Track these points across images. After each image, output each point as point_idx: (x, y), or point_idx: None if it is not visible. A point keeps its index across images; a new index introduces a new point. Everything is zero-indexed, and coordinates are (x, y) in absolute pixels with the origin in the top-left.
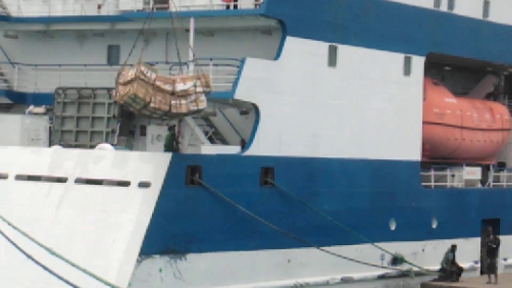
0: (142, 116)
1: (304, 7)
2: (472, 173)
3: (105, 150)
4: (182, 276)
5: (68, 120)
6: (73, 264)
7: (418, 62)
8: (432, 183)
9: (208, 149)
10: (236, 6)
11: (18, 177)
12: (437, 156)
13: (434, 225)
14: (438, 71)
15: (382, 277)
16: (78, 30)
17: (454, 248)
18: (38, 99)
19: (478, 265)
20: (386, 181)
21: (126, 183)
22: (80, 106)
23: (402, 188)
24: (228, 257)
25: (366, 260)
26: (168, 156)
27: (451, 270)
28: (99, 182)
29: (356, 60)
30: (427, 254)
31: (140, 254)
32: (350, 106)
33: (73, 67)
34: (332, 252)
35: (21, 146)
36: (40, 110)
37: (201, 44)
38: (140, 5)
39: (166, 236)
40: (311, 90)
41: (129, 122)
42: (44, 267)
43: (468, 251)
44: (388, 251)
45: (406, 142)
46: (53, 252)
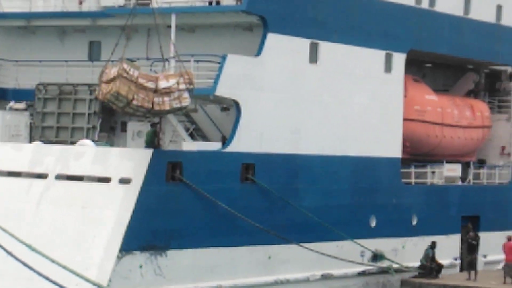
0: (125, 114)
1: (285, 3)
2: (453, 170)
3: (86, 146)
4: (162, 272)
5: (49, 116)
6: (53, 261)
7: (399, 59)
8: (413, 180)
9: (189, 145)
10: (218, 2)
11: None
12: (417, 153)
13: (414, 222)
14: (419, 68)
15: (362, 273)
16: (59, 26)
17: (434, 245)
18: (18, 95)
19: (458, 261)
20: (367, 177)
21: (106, 180)
22: (61, 102)
23: (382, 184)
24: (208, 253)
25: (346, 256)
26: (149, 152)
27: (431, 267)
28: (79, 178)
29: (338, 57)
30: (407, 251)
31: (120, 251)
32: (331, 102)
33: (54, 63)
34: (313, 248)
35: (1, 142)
36: (21, 106)
37: (182, 40)
38: (121, 1)
39: (147, 232)
40: (293, 87)
41: (110, 119)
42: (25, 264)
43: (448, 248)
44: (368, 248)
45: (387, 139)
46: (33, 249)
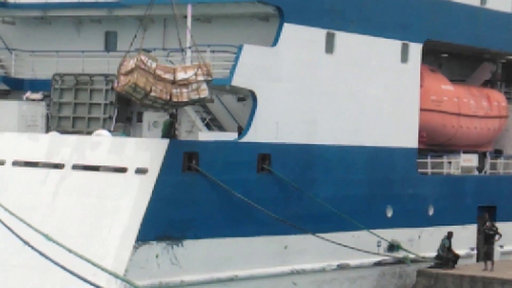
0: (143, 106)
1: None
2: (469, 160)
3: (102, 136)
4: (178, 262)
5: (65, 107)
6: (70, 250)
7: (416, 49)
8: (429, 170)
9: (205, 135)
10: None
11: (15, 163)
12: (434, 143)
13: (431, 212)
14: (435, 58)
15: (378, 263)
16: (76, 16)
17: (450, 235)
18: (35, 85)
19: (474, 252)
20: (383, 168)
21: (123, 170)
22: (77, 92)
23: (398, 175)
24: (224, 243)
25: (363, 247)
26: (165, 142)
27: (447, 257)
28: (96, 168)
29: (354, 47)
30: (424, 241)
31: (137, 240)
32: (347, 93)
33: (70, 54)
34: (329, 238)
35: (18, 132)
36: (37, 96)
37: (198, 30)
38: None
39: (163, 222)
40: (309, 77)
41: (126, 109)
42: (41, 253)
43: (464, 238)
44: (384, 238)
45: (403, 129)
46: (50, 238)
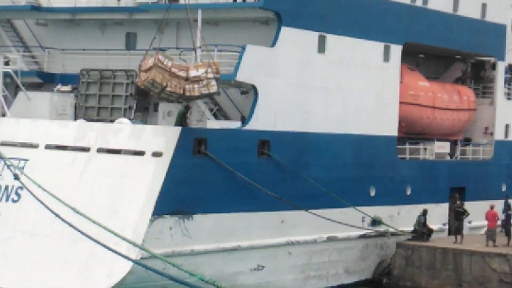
0: (161, 99)
1: (297, 1)
2: (442, 147)
3: (123, 124)
4: (189, 234)
5: (91, 98)
6: (94, 222)
7: (396, 50)
8: (407, 156)
9: (213, 124)
10: None
11: (47, 146)
12: (411, 132)
13: (408, 192)
14: (413, 58)
15: (363, 236)
16: (100, 19)
17: (425, 212)
18: (65, 79)
19: (446, 227)
20: (367, 153)
21: (141, 153)
22: (101, 85)
23: (381, 159)
24: (229, 218)
25: (349, 222)
26: (178, 129)
27: (422, 231)
28: (117, 151)
29: (342, 47)
30: (402, 217)
31: (153, 215)
32: (336, 87)
33: (95, 52)
34: (319, 214)
35: (50, 120)
36: (67, 88)
37: (207, 32)
38: None
39: (176, 199)
40: (303, 74)
41: (144, 100)
42: (70, 225)
43: (438, 215)
44: (368, 214)
45: (385, 120)
46: (77, 211)
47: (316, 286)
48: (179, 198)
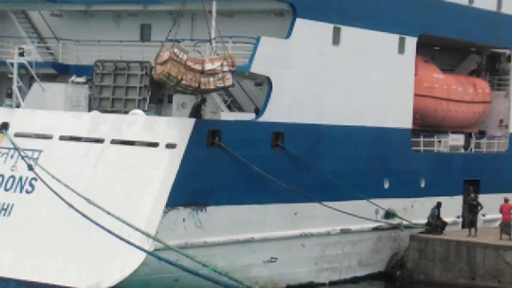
0: (176, 91)
1: None
2: (456, 139)
3: (137, 115)
4: (202, 225)
5: (105, 89)
6: (108, 213)
7: (411, 42)
8: (421, 148)
9: (227, 115)
10: None
11: (62, 137)
12: (426, 125)
13: (422, 184)
14: (428, 50)
15: (376, 229)
16: (115, 10)
17: (439, 204)
18: (79, 70)
19: (460, 220)
20: (381, 145)
21: (155, 144)
22: (116, 76)
23: (395, 152)
24: (242, 209)
25: (362, 214)
26: (192, 121)
27: (436, 224)
28: (131, 143)
29: (357, 39)
30: (416, 210)
31: (166, 206)
32: (351, 79)
33: (110, 43)
34: (333, 206)
35: (64, 111)
36: (81, 80)
37: (222, 24)
38: None
39: (189, 190)
40: (318, 65)
41: (158, 91)
42: (83, 215)
43: (452, 208)
44: (381, 206)
45: (399, 112)
46: (91, 202)
47: (329, 278)
48: (192, 189)
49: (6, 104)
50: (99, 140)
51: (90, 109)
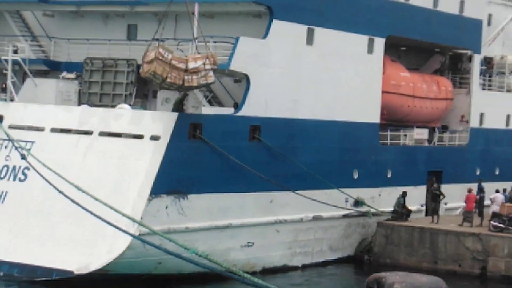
0: (162, 88)
1: None
2: (421, 133)
3: (124, 109)
4: (184, 212)
5: (94, 85)
6: (96, 199)
7: (379, 43)
8: (388, 141)
9: (208, 110)
10: None
11: (53, 130)
12: (393, 119)
13: (389, 175)
14: (395, 50)
15: (346, 216)
16: (103, 11)
17: (404, 194)
18: (70, 67)
19: (424, 208)
20: (351, 138)
21: (140, 136)
22: (104, 73)
23: (364, 144)
24: (221, 197)
25: (333, 202)
26: (175, 115)
27: (401, 212)
28: (118, 135)
29: (330, 40)
30: (383, 199)
31: (150, 194)
32: (323, 77)
33: (98, 41)
34: (306, 195)
35: (55, 104)
36: (71, 76)
37: (204, 24)
38: None
39: (172, 179)
40: (292, 64)
41: (143, 87)
42: (74, 201)
43: (416, 197)
44: (351, 195)
45: (368, 108)
46: (80, 189)
47: (302, 262)
48: (175, 179)
49: (0, 98)
50: (88, 132)
51: (80, 103)
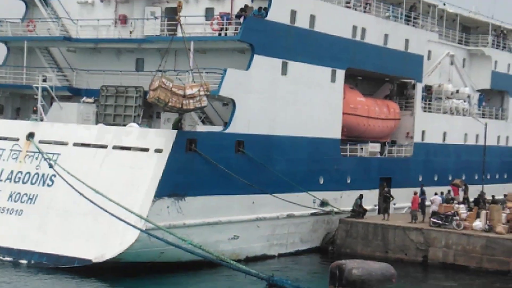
0: (165, 111)
1: (266, 35)
2: (374, 147)
3: (133, 127)
4: (182, 211)
5: (109, 107)
6: (111, 200)
7: (340, 74)
8: (348, 153)
9: (201, 128)
10: (226, 34)
11: (75, 144)
12: (351, 136)
13: (349, 180)
14: (353, 79)
15: (314, 214)
16: (116, 47)
17: (361, 196)
18: (89, 93)
19: (376, 207)
20: (318, 151)
21: (146, 149)
22: (116, 98)
23: (328, 156)
24: (212, 199)
25: (303, 203)
26: (174, 132)
27: (359, 211)
28: (128, 148)
29: (300, 71)
30: (344, 200)
31: (154, 196)
32: (296, 101)
33: (112, 72)
34: (281, 197)
35: (77, 124)
36: (90, 100)
37: (198, 59)
38: (158, 32)
39: (172, 185)
40: (270, 90)
41: (149, 110)
42: (92, 201)
43: (370, 198)
44: (317, 197)
45: (332, 126)
46: (98, 192)
47: (278, 251)
48: (174, 184)
49: (32, 118)
50: (103, 146)
51: (97, 122)
